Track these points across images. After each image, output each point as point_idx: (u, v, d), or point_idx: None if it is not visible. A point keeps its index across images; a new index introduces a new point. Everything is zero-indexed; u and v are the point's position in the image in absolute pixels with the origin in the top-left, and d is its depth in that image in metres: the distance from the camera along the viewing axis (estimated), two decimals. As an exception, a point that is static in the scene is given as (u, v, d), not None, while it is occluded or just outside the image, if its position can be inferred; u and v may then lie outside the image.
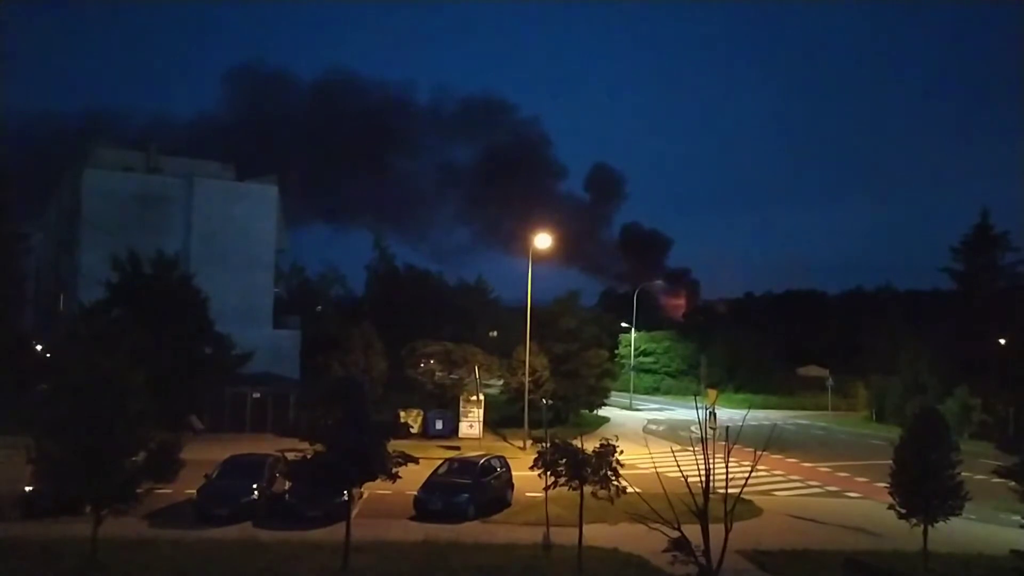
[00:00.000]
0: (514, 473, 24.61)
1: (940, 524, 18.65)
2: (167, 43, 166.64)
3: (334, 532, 18.36)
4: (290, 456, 17.50)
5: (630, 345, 68.00)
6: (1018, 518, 15.75)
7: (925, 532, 18.57)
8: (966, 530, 21.43)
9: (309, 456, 16.94)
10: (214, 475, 21.71)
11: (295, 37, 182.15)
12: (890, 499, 19.22)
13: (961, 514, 18.95)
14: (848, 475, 32.43)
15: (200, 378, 33.68)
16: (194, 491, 21.17)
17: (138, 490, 16.03)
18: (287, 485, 21.13)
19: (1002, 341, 46.74)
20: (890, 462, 19.59)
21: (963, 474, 18.94)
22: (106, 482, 15.52)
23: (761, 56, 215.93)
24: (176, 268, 35.86)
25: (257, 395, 37.72)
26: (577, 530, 16.96)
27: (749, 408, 44.68)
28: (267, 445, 25.63)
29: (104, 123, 63.75)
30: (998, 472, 16.20)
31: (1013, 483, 15.46)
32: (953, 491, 18.50)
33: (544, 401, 38.83)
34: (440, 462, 24.41)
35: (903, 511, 18.80)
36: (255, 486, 21.32)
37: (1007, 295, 49.85)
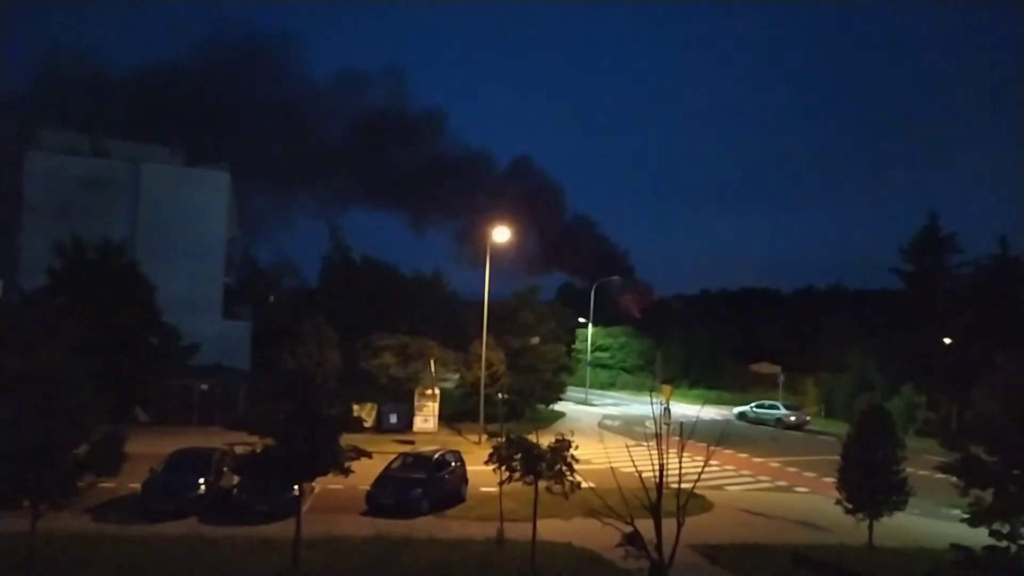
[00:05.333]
0: (469, 468, 24.52)
1: (885, 519, 19.10)
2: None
3: (284, 528, 18.01)
4: (239, 450, 17.16)
5: (587, 340, 68.36)
6: (959, 512, 16.14)
7: (871, 527, 19.00)
8: (910, 524, 22.01)
9: (259, 450, 16.62)
10: (160, 469, 21.19)
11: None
12: (837, 494, 19.62)
13: (905, 509, 19.44)
14: (797, 470, 33.05)
15: (146, 369, 32.79)
16: (139, 485, 20.64)
17: (80, 484, 15.50)
18: (235, 480, 20.75)
19: (947, 340, 48.09)
20: (838, 458, 19.98)
21: (907, 470, 19.42)
22: (46, 476, 14.96)
23: (718, 54, 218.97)
24: (122, 255, 34.83)
25: (205, 387, 36.90)
26: (531, 525, 16.92)
27: (703, 404, 45.35)
28: (215, 438, 25.08)
29: (45, 101, 61.10)
30: (941, 468, 16.60)
31: (955, 479, 15.84)
32: (898, 487, 18.96)
33: (500, 396, 38.80)
34: (394, 456, 24.20)
35: (850, 506, 19.22)
36: (202, 480, 20.86)
37: (952, 296, 51.27)
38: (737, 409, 53.15)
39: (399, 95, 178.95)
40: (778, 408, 50.86)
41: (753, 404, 52.61)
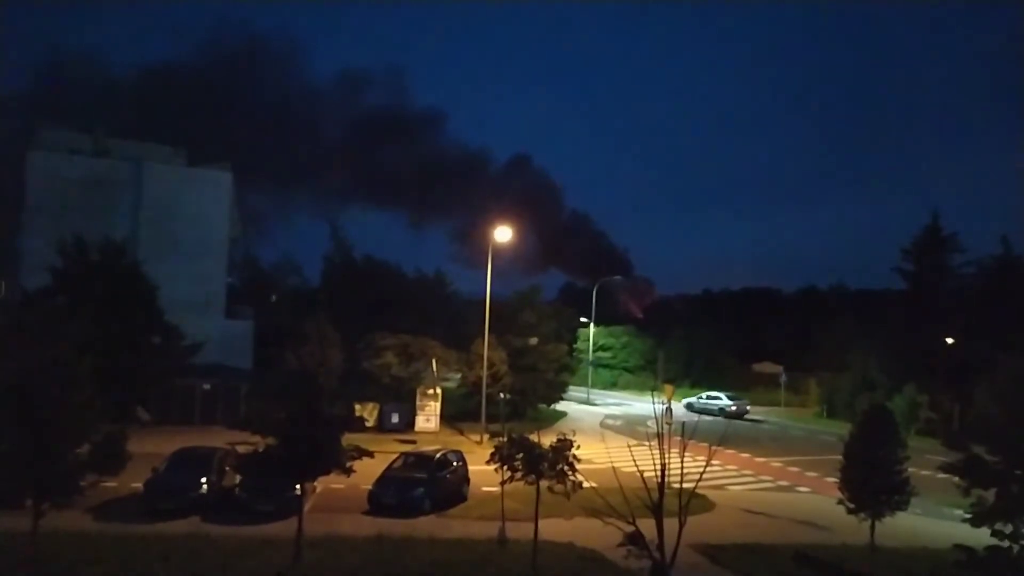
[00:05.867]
0: (471, 467, 24.51)
1: (887, 518, 19.08)
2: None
3: (286, 527, 18.02)
4: (241, 449, 17.13)
5: (588, 340, 68.33)
6: (961, 512, 16.12)
7: (872, 526, 18.98)
8: (912, 524, 21.98)
9: (261, 449, 16.61)
10: (162, 468, 21.22)
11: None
12: (839, 494, 19.60)
13: (907, 509, 19.41)
14: (799, 470, 33.01)
15: (148, 368, 32.80)
16: (141, 484, 20.65)
17: (82, 483, 15.52)
18: (237, 479, 20.76)
19: (949, 340, 48.01)
20: (840, 457, 19.96)
21: (909, 470, 19.39)
22: (48, 475, 14.98)
23: (718, 53, 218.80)
24: (124, 254, 34.84)
25: (207, 386, 36.95)
26: (533, 525, 16.91)
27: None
28: (217, 438, 25.02)
29: (47, 101, 61.18)
30: (943, 468, 16.57)
31: (957, 479, 15.81)
32: (900, 486, 18.93)
33: (502, 395, 38.81)
34: (395, 456, 24.18)
35: (851, 506, 19.18)
36: (204, 479, 20.91)
37: (954, 295, 51.19)
38: (685, 400, 55.83)
39: (399, 95, 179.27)
40: (721, 398, 54.54)
41: (698, 395, 56.49)
